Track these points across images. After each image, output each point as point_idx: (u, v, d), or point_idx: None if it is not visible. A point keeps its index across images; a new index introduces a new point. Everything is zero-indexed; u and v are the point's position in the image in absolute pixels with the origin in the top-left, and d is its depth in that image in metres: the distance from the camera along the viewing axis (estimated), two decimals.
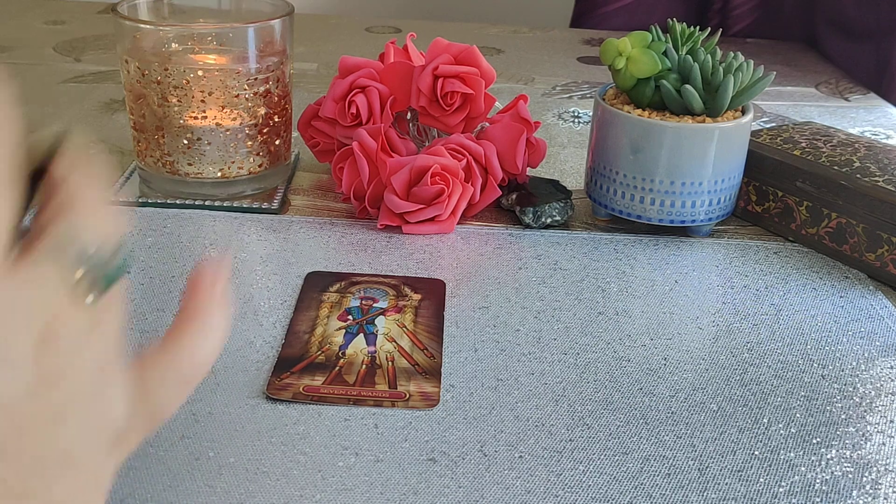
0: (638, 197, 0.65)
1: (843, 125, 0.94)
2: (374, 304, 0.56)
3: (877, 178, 0.63)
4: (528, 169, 0.70)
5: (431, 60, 0.67)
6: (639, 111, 0.64)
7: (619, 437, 0.45)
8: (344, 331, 0.53)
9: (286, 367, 0.50)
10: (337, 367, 0.50)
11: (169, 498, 0.40)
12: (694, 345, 0.54)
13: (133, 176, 0.72)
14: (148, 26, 0.68)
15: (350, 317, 0.55)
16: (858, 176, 0.63)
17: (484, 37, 1.27)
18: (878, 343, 0.55)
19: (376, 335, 0.53)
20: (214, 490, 0.40)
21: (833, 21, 1.23)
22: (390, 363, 0.50)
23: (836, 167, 0.65)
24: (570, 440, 0.45)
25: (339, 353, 0.51)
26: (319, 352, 0.51)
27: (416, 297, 0.57)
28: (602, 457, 0.44)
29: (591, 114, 0.91)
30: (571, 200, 0.69)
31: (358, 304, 0.56)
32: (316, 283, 0.58)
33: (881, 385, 0.51)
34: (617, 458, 0.44)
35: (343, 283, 0.58)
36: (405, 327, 0.54)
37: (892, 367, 0.53)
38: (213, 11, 0.74)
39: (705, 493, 0.42)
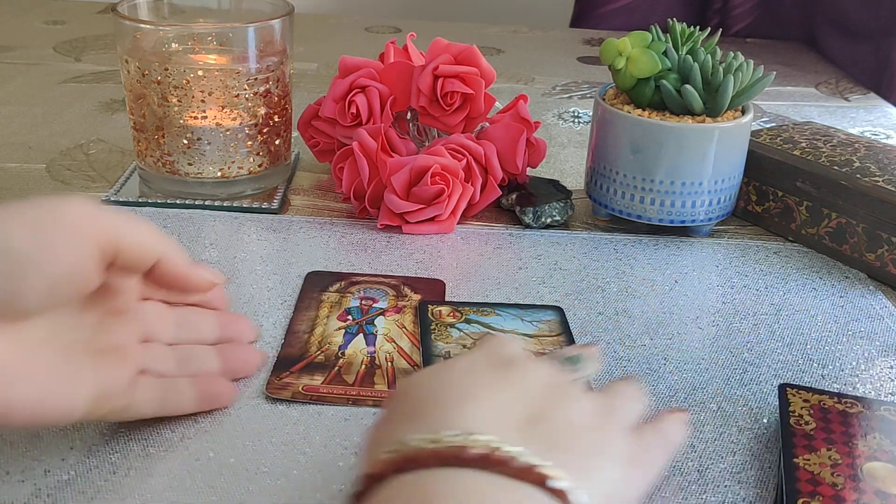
0: (638, 197, 0.65)
1: (843, 125, 0.94)
2: (374, 305, 0.56)
3: (877, 178, 0.63)
4: (528, 169, 0.70)
5: (431, 60, 0.67)
6: (639, 111, 0.64)
7: None
8: (343, 331, 0.53)
9: (286, 367, 0.50)
10: (336, 367, 0.50)
11: (169, 498, 0.40)
12: (694, 344, 0.54)
13: (133, 176, 0.72)
14: (148, 26, 0.68)
15: (350, 317, 0.55)
16: (858, 176, 0.63)
17: (484, 37, 1.27)
18: (878, 343, 0.55)
19: (376, 335, 0.53)
20: (214, 490, 0.40)
21: (833, 21, 1.23)
22: (390, 363, 0.50)
23: (836, 167, 0.65)
24: None
25: (339, 353, 0.51)
26: (319, 352, 0.51)
27: (416, 297, 0.57)
28: None
29: (591, 114, 0.91)
30: (571, 200, 0.69)
31: (357, 304, 0.56)
32: (315, 283, 0.58)
33: (881, 385, 0.51)
34: None
35: (343, 283, 0.58)
36: (405, 328, 0.54)
37: (891, 367, 0.53)
38: (213, 11, 0.74)
39: (704, 496, 0.42)
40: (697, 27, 0.66)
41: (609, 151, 0.65)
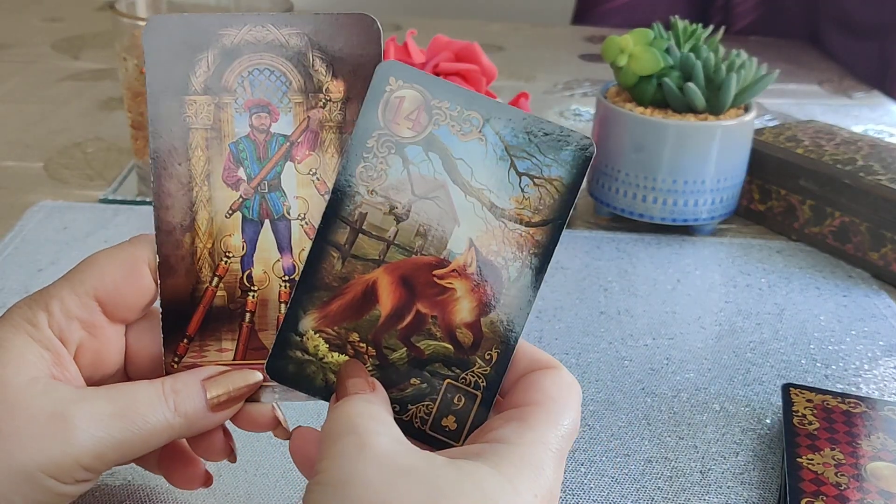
0: (640, 195, 0.64)
1: (847, 123, 0.94)
2: (272, 125, 0.29)
3: (880, 177, 0.62)
4: None
5: (432, 58, 0.66)
6: (641, 109, 0.64)
7: (621, 438, 0.45)
8: (239, 214, 0.28)
9: (176, 326, 0.28)
10: (247, 316, 0.28)
11: (168, 499, 0.39)
12: (697, 344, 0.54)
13: (131, 174, 0.72)
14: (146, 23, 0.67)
15: (241, 168, 0.28)
16: (862, 174, 0.63)
17: (485, 34, 1.27)
18: (881, 343, 0.55)
19: (289, 221, 0.28)
20: (214, 492, 0.40)
21: (836, 18, 1.23)
22: None
23: (839, 165, 0.64)
24: None
25: (244, 280, 0.28)
26: (214, 276, 0.28)
27: (339, 87, 0.31)
28: (604, 458, 0.44)
29: (592, 112, 0.90)
30: None
31: (247, 129, 0.29)
32: (171, 62, 0.29)
33: (885, 385, 0.50)
34: (619, 459, 0.44)
35: (214, 59, 0.29)
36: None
37: (895, 367, 0.52)
38: (212, 9, 0.73)
39: (707, 497, 0.41)
40: (700, 25, 0.65)
41: (611, 150, 0.65)
